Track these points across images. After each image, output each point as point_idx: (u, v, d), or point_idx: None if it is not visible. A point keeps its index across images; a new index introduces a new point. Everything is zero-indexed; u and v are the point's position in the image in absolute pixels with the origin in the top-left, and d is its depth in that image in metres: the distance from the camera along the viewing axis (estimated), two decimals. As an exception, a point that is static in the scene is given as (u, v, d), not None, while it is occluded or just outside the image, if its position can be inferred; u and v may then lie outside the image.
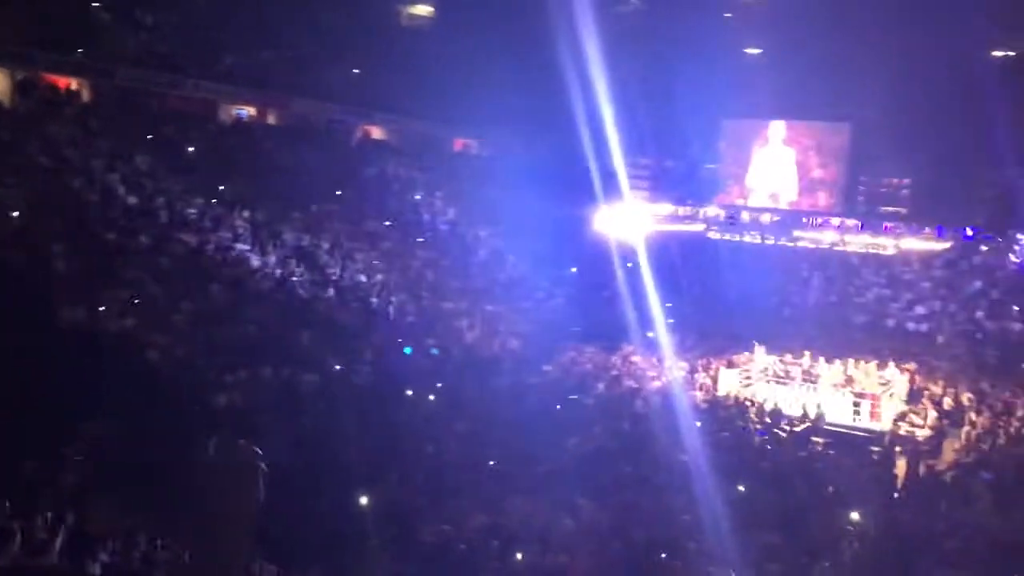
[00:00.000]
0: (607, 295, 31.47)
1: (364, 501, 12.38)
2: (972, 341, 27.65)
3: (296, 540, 10.09)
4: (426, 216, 29.27)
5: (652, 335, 28.45)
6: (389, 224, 27.13)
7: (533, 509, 12.64)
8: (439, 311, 23.80)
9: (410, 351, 20.34)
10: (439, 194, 31.10)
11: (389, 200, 28.64)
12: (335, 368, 17.92)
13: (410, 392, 18.03)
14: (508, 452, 15.72)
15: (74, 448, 11.92)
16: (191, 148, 24.56)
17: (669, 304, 31.70)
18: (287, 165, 26.34)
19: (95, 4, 26.35)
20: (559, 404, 19.81)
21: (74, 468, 11.55)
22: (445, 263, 27.20)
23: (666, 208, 34.92)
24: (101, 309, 16.27)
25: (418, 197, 30.02)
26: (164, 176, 22.16)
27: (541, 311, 27.74)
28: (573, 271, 31.97)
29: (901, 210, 36.01)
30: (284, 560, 8.94)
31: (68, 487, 11.00)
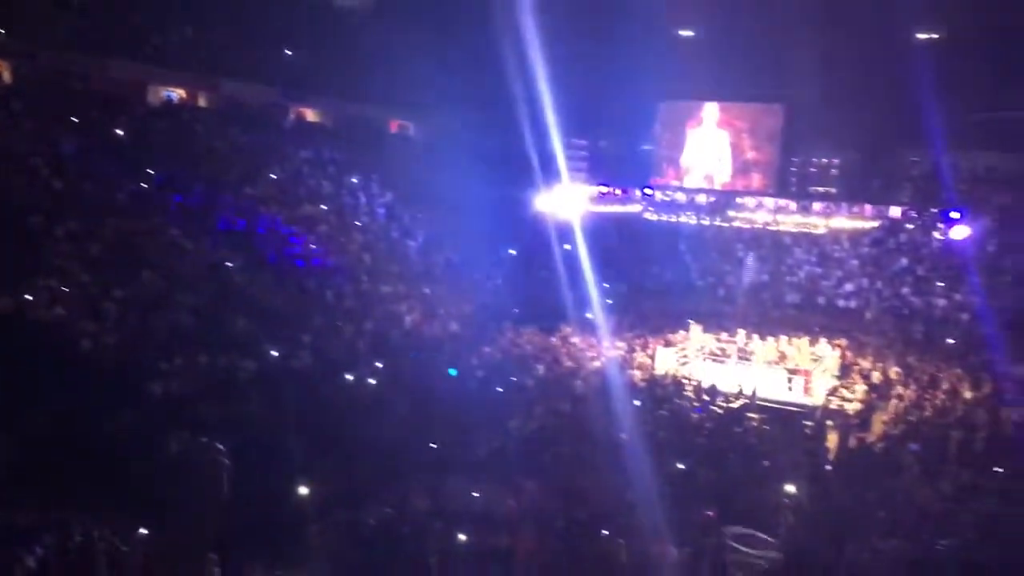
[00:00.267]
0: (545, 277, 31.62)
1: (304, 487, 12.28)
2: (899, 317, 28.56)
3: (236, 528, 9.96)
4: (363, 199, 28.97)
5: (591, 316, 28.72)
6: (325, 208, 26.75)
7: (475, 490, 12.68)
8: (378, 294, 23.63)
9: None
10: (375, 177, 30.79)
11: (325, 183, 28.24)
12: (273, 354, 17.69)
13: (350, 377, 17.90)
14: (450, 434, 15.73)
15: (4, 440, 11.57)
16: (119, 131, 23.87)
17: (607, 285, 32.05)
18: (219, 148, 25.80)
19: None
20: (500, 386, 19.88)
21: (4, 461, 11.22)
22: (383, 246, 26.97)
23: (603, 189, 35.13)
24: (28, 298, 15.78)
25: (354, 180, 29.67)
26: (91, 160, 21.50)
27: (480, 293, 27.74)
28: (512, 253, 32.03)
29: (831, 190, 36.87)
30: (226, 549, 8.82)
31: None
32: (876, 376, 23.28)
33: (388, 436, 15.25)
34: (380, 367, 18.99)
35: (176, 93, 29.07)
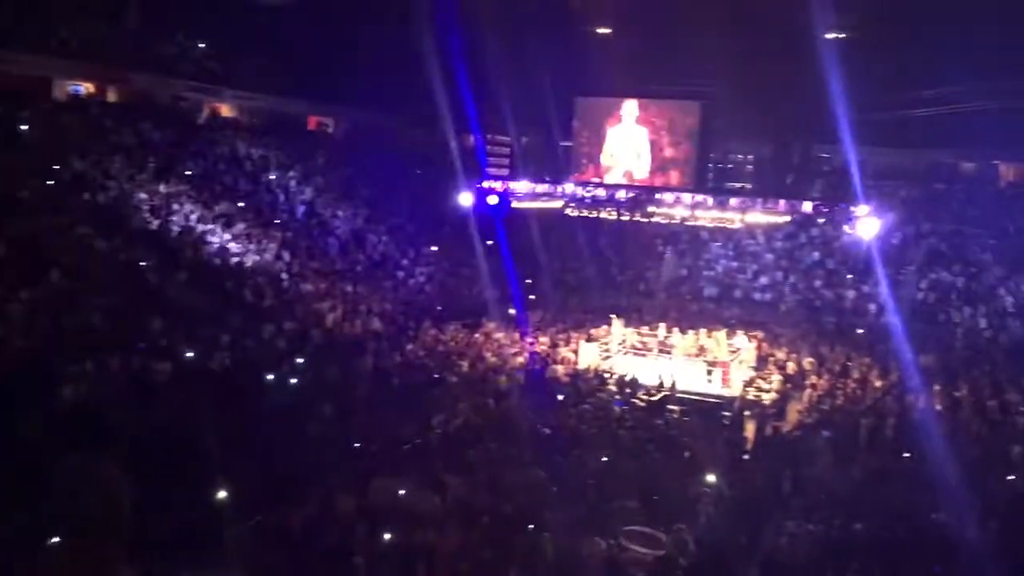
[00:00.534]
0: (468, 273, 31.65)
1: (223, 492, 12.02)
2: (811, 309, 29.47)
3: (154, 537, 9.70)
4: (281, 196, 28.47)
5: (514, 311, 28.85)
6: (243, 205, 26.20)
7: (400, 489, 12.59)
8: (298, 293, 23.27)
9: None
10: (294, 173, 30.30)
11: (242, 180, 27.66)
12: (189, 355, 17.27)
13: (271, 377, 17.60)
14: (373, 433, 15.61)
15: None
16: (23, 127, 22.94)
17: (529, 280, 32.24)
18: (129, 143, 25.01)
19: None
20: (423, 383, 19.81)
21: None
22: (303, 244, 26.57)
23: (524, 186, 35.27)
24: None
25: (272, 177, 29.14)
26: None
27: (403, 291, 27.58)
28: (434, 250, 31.94)
29: (746, 185, 37.75)
30: (142, 558, 8.58)
31: None
32: (791, 367, 23.96)
33: (311, 436, 15.05)
34: (302, 366, 18.73)
35: (84, 87, 28.04)
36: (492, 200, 34.39)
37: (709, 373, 23.39)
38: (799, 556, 11.68)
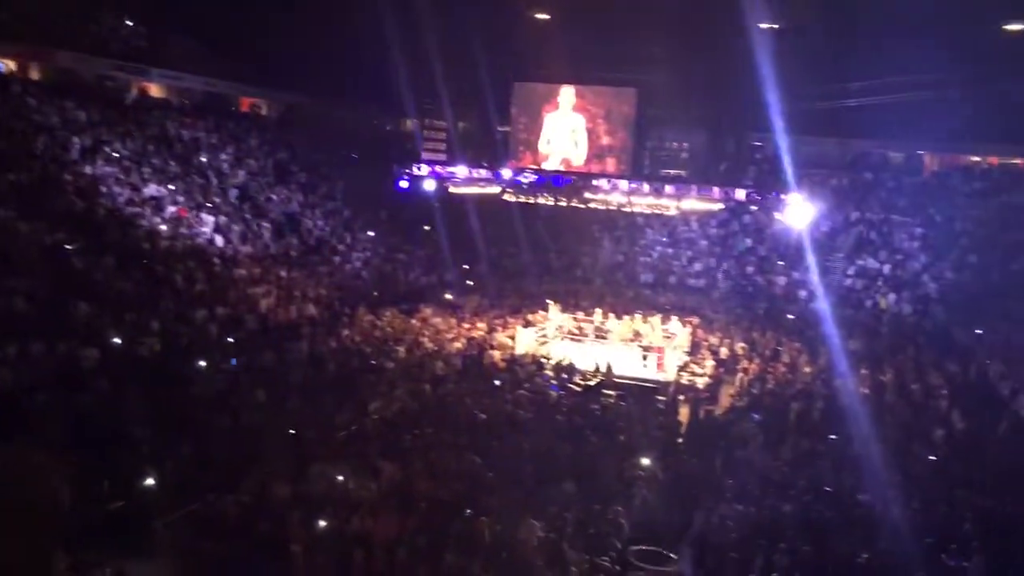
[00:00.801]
0: (405, 258, 31.48)
1: (151, 478, 11.80)
2: (744, 295, 30.03)
3: (83, 526, 9.47)
4: (213, 179, 27.85)
5: (451, 297, 28.82)
6: (173, 188, 25.56)
7: (336, 475, 12.52)
8: (231, 278, 22.83)
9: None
10: (226, 155, 29.67)
11: (172, 162, 26.97)
12: (116, 341, 16.85)
13: (203, 363, 17.28)
14: (308, 420, 15.47)
15: None
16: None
17: (467, 266, 32.22)
18: (53, 124, 24.19)
19: None
20: (359, 369, 19.67)
21: None
22: (236, 227, 26.06)
23: (462, 171, 35.12)
24: None
25: (204, 159, 28.48)
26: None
27: (338, 276, 27.28)
28: (370, 234, 31.66)
29: (681, 172, 38.15)
30: (73, 548, 8.37)
31: None
32: (724, 352, 24.41)
33: (244, 423, 14.85)
34: (235, 352, 18.44)
35: (5, 64, 27.01)
36: (429, 185, 34.22)
37: (644, 358, 23.68)
38: (730, 536, 11.94)
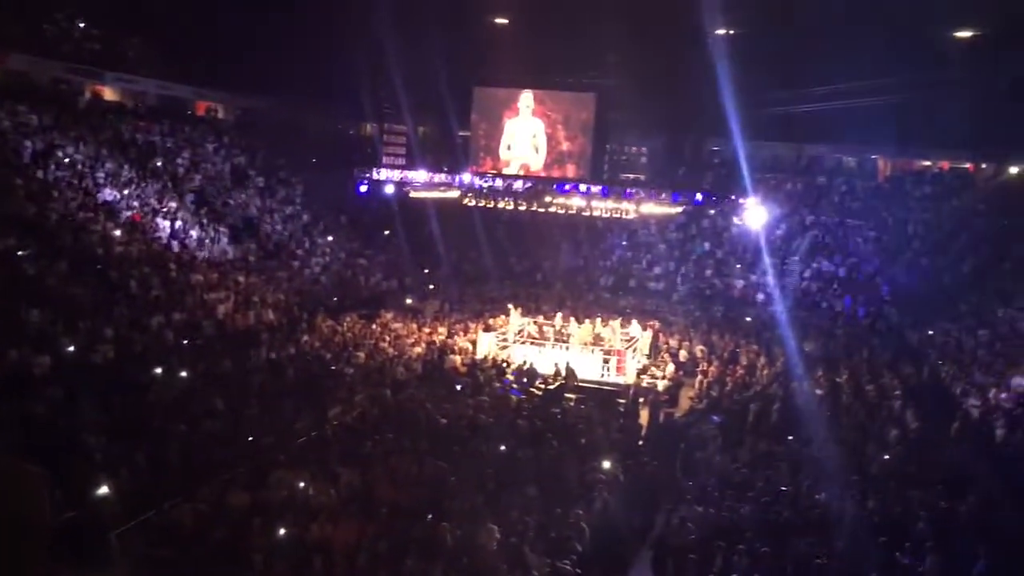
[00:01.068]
0: (365, 263, 31.34)
1: (105, 488, 11.61)
2: (702, 298, 30.32)
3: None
4: (169, 183, 27.47)
5: (411, 301, 28.74)
6: (127, 192, 25.16)
7: (295, 482, 12.41)
8: (188, 283, 22.53)
9: None
10: (182, 159, 29.29)
11: (126, 167, 26.54)
12: (70, 348, 16.58)
13: (159, 370, 17.05)
14: (268, 426, 15.32)
15: None
16: None
17: (427, 270, 32.16)
18: (5, 128, 23.70)
19: None
20: (319, 374, 19.54)
21: None
22: (193, 232, 25.72)
23: (422, 175, 35.09)
24: None
25: (159, 163, 28.08)
26: None
27: (297, 281, 27.06)
28: (330, 239, 31.45)
29: (640, 176, 38.49)
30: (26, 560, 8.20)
31: None
32: (683, 354, 24.63)
33: (202, 430, 14.67)
34: (192, 359, 18.22)
35: (-47, 66, 26.46)
36: (389, 190, 34.15)
37: (605, 362, 23.79)
38: (690, 538, 12.04)
